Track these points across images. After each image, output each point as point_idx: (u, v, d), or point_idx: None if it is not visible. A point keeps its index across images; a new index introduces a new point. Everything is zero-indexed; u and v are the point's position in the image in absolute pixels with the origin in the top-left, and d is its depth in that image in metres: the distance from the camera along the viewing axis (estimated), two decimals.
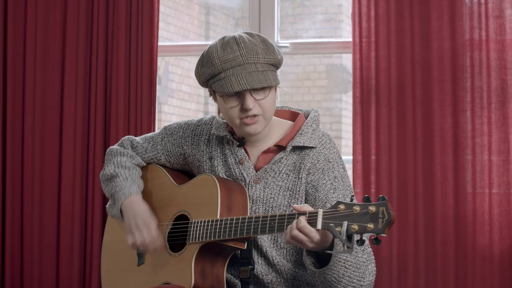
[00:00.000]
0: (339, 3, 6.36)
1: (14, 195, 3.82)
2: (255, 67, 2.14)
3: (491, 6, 3.48)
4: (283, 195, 2.25)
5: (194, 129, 2.39)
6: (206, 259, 2.21)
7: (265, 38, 2.20)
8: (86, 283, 3.74)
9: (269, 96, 2.18)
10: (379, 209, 1.90)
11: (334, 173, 2.25)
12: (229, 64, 2.14)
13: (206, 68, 2.18)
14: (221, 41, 2.19)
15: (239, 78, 2.13)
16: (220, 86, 2.15)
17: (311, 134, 2.26)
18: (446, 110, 3.49)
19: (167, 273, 2.26)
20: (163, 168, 2.41)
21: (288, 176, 2.25)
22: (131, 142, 2.46)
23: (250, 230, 2.10)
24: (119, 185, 2.36)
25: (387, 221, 1.89)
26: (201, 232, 2.19)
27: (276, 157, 2.25)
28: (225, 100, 2.19)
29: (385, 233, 1.89)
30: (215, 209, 2.19)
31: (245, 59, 2.14)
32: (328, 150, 2.27)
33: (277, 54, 2.20)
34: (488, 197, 3.45)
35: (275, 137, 2.29)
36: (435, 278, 3.47)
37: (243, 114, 2.18)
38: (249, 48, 2.15)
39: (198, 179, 2.29)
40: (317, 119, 2.31)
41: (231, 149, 2.30)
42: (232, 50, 2.15)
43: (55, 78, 3.81)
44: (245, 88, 2.12)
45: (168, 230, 2.31)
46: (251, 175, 2.27)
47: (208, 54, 2.19)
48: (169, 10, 6.32)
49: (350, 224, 1.91)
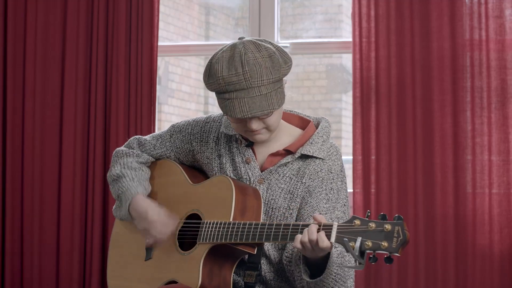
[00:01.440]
0: (339, 3, 6.35)
1: (14, 195, 3.82)
2: (258, 91, 2.12)
3: (491, 6, 3.48)
4: (283, 197, 2.25)
5: (203, 126, 2.39)
6: (215, 261, 2.21)
7: (273, 52, 2.16)
8: (86, 283, 3.74)
9: (273, 115, 2.19)
10: (394, 228, 1.90)
11: (332, 184, 2.26)
12: (233, 87, 2.13)
13: (212, 82, 2.18)
14: (227, 54, 2.16)
15: (241, 104, 2.12)
16: (224, 107, 2.16)
17: (321, 145, 2.27)
18: (446, 110, 3.49)
19: (174, 270, 2.26)
20: (180, 165, 2.41)
21: (290, 179, 2.26)
22: (138, 141, 2.47)
23: (263, 237, 2.10)
24: (125, 185, 2.37)
25: (401, 241, 1.89)
26: (212, 233, 2.19)
27: (283, 161, 2.26)
28: (229, 118, 2.22)
29: (398, 253, 1.89)
30: (229, 211, 2.19)
31: (249, 83, 2.12)
32: (333, 161, 2.28)
33: (283, 68, 2.16)
34: (488, 197, 3.45)
35: (283, 141, 2.30)
36: (435, 278, 3.47)
37: (247, 129, 2.20)
38: (253, 72, 2.11)
39: (214, 180, 2.30)
40: (328, 131, 2.32)
41: (238, 148, 2.31)
42: (237, 72, 2.12)
43: (55, 78, 3.81)
44: (247, 117, 2.13)
45: (180, 227, 2.31)
46: (256, 175, 2.27)
47: (214, 70, 2.16)
48: (169, 10, 6.32)
49: (364, 241, 1.91)
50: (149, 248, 2.36)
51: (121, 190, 2.37)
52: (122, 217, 2.40)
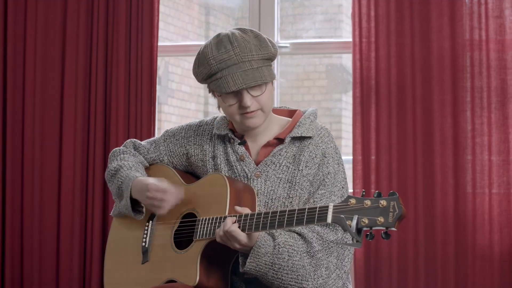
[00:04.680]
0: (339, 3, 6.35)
1: (14, 195, 3.82)
2: (249, 64, 2.19)
3: (491, 6, 3.48)
4: (282, 187, 2.26)
5: (196, 129, 2.42)
6: (212, 257, 2.22)
7: (258, 33, 2.25)
8: (86, 283, 3.74)
9: (266, 92, 2.23)
10: (390, 203, 1.91)
11: (328, 168, 2.27)
12: (224, 64, 2.19)
13: (203, 68, 2.24)
14: (215, 40, 2.23)
15: (235, 78, 2.18)
16: (218, 86, 2.21)
17: (309, 125, 2.30)
18: (446, 110, 3.49)
19: (171, 270, 2.26)
20: (172, 168, 2.42)
21: (288, 168, 2.27)
22: (133, 144, 2.49)
23: (259, 226, 2.11)
24: (124, 174, 2.37)
25: (397, 215, 1.89)
26: (209, 228, 2.20)
27: (275, 150, 2.28)
28: (224, 99, 2.24)
29: (395, 227, 1.90)
30: (224, 206, 2.20)
31: (240, 57, 2.18)
32: (326, 144, 2.30)
33: (270, 48, 2.24)
34: (488, 197, 3.45)
35: (274, 131, 2.33)
36: (435, 278, 3.47)
37: (242, 110, 2.23)
38: (242, 47, 2.19)
39: (207, 178, 2.31)
40: (315, 113, 2.36)
41: (232, 147, 2.33)
42: (226, 49, 2.19)
43: (55, 78, 3.81)
44: (241, 87, 2.17)
45: (175, 228, 2.31)
46: (252, 170, 2.29)
47: (204, 54, 2.23)
48: (169, 10, 6.32)
49: (361, 218, 1.92)
50: (145, 251, 2.36)
51: (120, 180, 2.37)
52: (121, 208, 2.38)
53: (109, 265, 2.47)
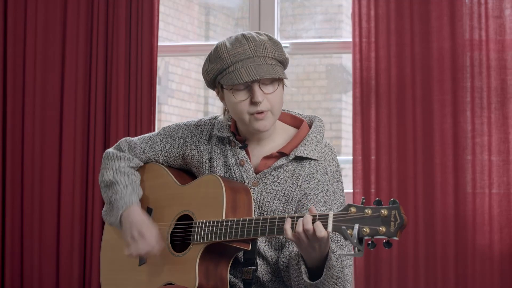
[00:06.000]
0: (339, 3, 6.36)
1: (14, 195, 3.82)
2: (264, 60, 2.16)
3: (491, 6, 3.48)
4: (278, 200, 2.24)
5: (194, 129, 2.39)
6: (210, 260, 2.21)
7: (273, 37, 2.24)
8: (86, 283, 3.74)
9: (277, 91, 2.19)
10: (391, 213, 1.89)
11: (328, 186, 2.25)
12: (238, 57, 2.16)
13: (215, 64, 2.20)
14: (229, 39, 2.22)
15: (248, 70, 2.14)
16: (230, 78, 2.16)
17: (315, 146, 2.27)
18: (446, 110, 3.49)
19: (170, 273, 2.26)
20: (166, 168, 2.41)
21: (285, 182, 2.24)
22: (128, 144, 2.45)
23: (258, 232, 2.09)
24: (119, 193, 2.35)
25: (399, 225, 1.88)
26: (206, 232, 2.18)
27: (277, 163, 2.25)
28: (234, 94, 2.19)
29: (397, 236, 1.89)
30: (220, 209, 2.18)
31: (254, 52, 2.16)
32: (328, 162, 2.27)
33: (284, 51, 2.23)
34: (488, 197, 3.45)
35: (278, 142, 2.29)
36: (435, 278, 3.47)
37: (253, 108, 2.18)
38: (257, 43, 2.17)
39: (203, 179, 2.29)
40: (322, 130, 2.31)
41: (232, 150, 2.30)
42: (241, 44, 2.17)
43: (55, 78, 3.81)
44: (255, 78, 2.13)
45: (171, 230, 2.31)
46: (250, 178, 2.26)
47: (217, 50, 2.21)
48: (169, 10, 6.33)
49: (362, 227, 1.90)
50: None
51: (114, 198, 2.36)
52: (112, 223, 2.38)
53: (105, 265, 2.47)
